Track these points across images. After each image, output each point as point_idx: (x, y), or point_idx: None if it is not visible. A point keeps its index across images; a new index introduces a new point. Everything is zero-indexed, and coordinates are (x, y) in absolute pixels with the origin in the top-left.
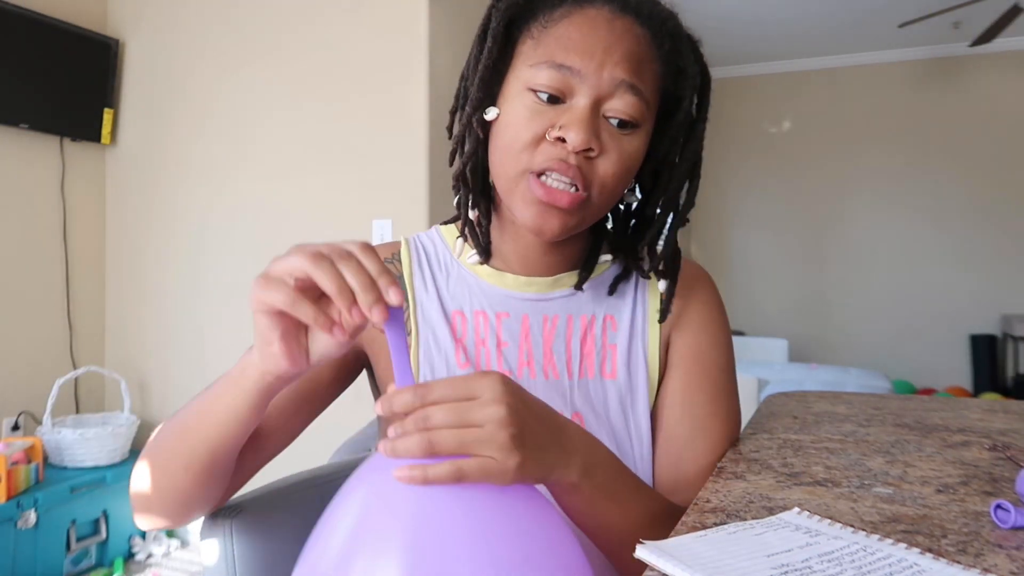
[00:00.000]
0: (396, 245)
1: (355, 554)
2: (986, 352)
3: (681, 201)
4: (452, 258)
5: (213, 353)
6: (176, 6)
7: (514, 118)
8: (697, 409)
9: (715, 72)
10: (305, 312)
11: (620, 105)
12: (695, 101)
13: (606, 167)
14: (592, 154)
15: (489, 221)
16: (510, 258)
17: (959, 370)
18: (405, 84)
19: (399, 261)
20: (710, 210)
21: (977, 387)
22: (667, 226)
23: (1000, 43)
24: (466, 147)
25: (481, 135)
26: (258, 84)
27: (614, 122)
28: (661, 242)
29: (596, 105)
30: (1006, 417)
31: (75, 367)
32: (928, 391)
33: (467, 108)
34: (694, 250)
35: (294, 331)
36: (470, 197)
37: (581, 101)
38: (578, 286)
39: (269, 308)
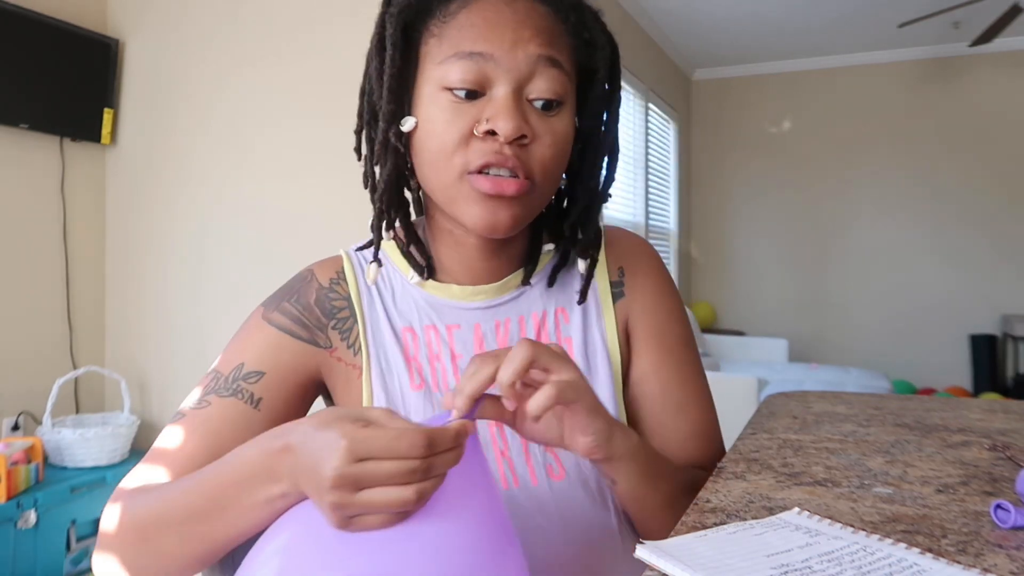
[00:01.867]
0: (339, 261)
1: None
2: (986, 352)
3: (601, 179)
4: (395, 271)
5: (213, 353)
6: (176, 6)
7: (435, 124)
8: (671, 389)
9: (715, 72)
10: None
11: (543, 83)
12: (612, 67)
13: (542, 152)
14: (525, 141)
15: (411, 239)
16: (453, 268)
17: (959, 370)
18: None
19: (344, 281)
20: (710, 210)
21: (977, 387)
22: (589, 205)
23: (1000, 43)
24: (385, 165)
25: (401, 148)
26: (258, 84)
27: (539, 104)
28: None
29: (518, 91)
30: (1006, 417)
31: (75, 367)
32: (928, 391)
33: (380, 123)
34: (694, 250)
35: None
36: (387, 217)
37: (501, 89)
38: (525, 281)
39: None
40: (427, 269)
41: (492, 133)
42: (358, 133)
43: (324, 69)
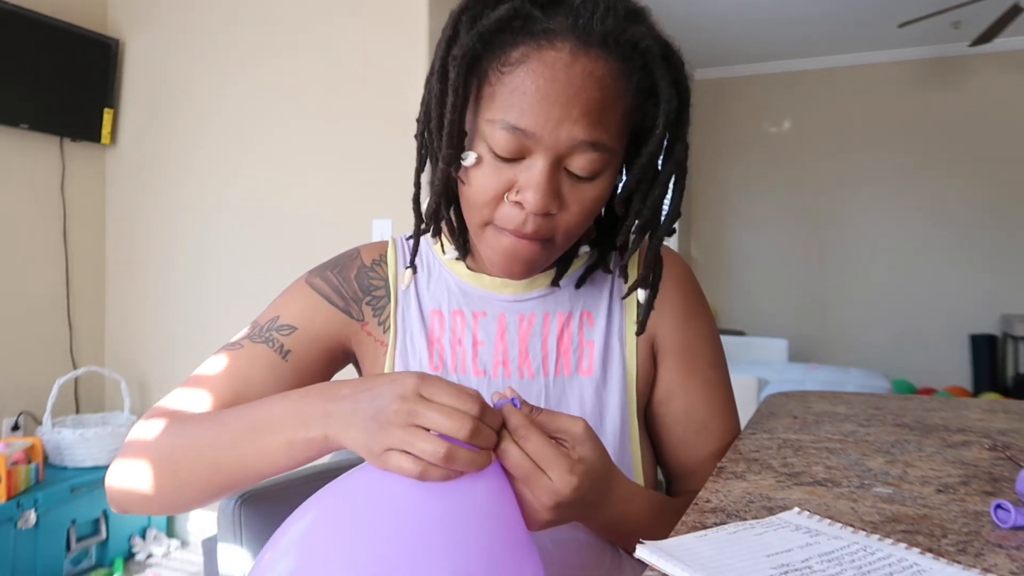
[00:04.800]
0: (384, 246)
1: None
2: (986, 352)
3: (664, 213)
4: (434, 258)
5: (213, 352)
6: (176, 6)
7: (475, 171)
8: (695, 410)
9: (715, 72)
10: (439, 476)
11: (581, 162)
12: (674, 122)
13: (567, 219)
14: (552, 213)
15: (462, 231)
16: (485, 261)
17: (959, 370)
18: (405, 84)
19: (386, 264)
20: (710, 210)
21: (977, 387)
22: (649, 237)
23: (1000, 43)
24: (440, 193)
25: (463, 182)
26: (258, 84)
27: (575, 173)
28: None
29: (555, 164)
30: (1006, 417)
31: (75, 367)
32: (928, 391)
33: (440, 163)
34: (694, 250)
35: None
36: (435, 225)
37: (539, 163)
38: (555, 282)
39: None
40: (463, 252)
41: (521, 203)
42: (420, 150)
43: (324, 68)
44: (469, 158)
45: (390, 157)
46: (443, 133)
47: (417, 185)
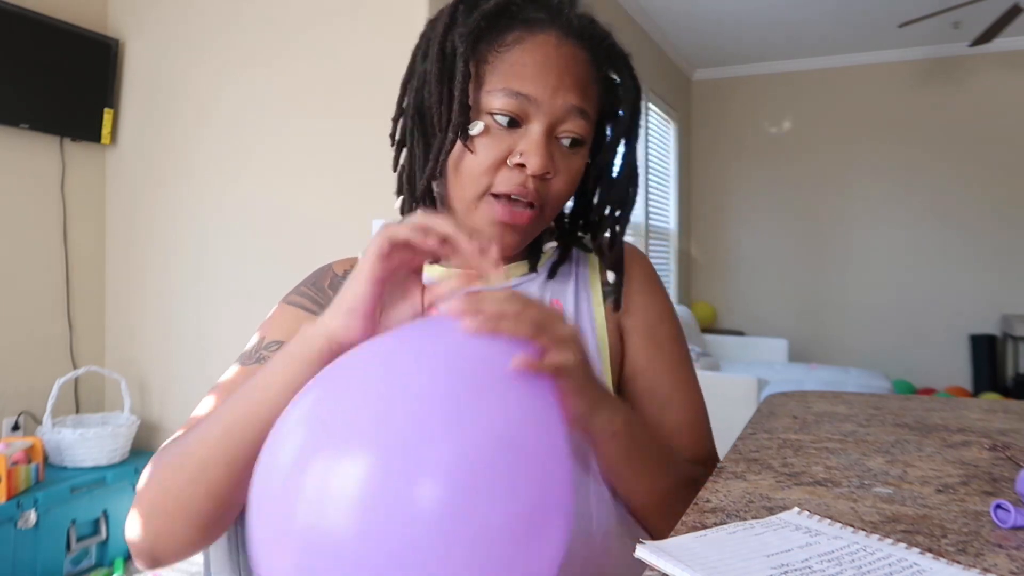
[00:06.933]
0: (355, 259)
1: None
2: (986, 352)
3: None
4: None
5: (214, 352)
6: (176, 6)
7: (478, 140)
8: (659, 386)
9: (715, 72)
10: (442, 230)
11: (571, 127)
12: (635, 111)
13: (558, 186)
14: (548, 176)
15: None
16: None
17: (959, 370)
18: None
19: None
20: (710, 210)
21: (977, 387)
22: (614, 226)
23: (1000, 43)
24: (431, 166)
25: (473, 152)
26: (258, 84)
27: (565, 142)
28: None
29: (550, 130)
30: (1006, 417)
31: (75, 367)
32: (928, 391)
33: (449, 134)
34: (694, 250)
35: (380, 304)
36: (413, 206)
37: (537, 127)
38: (533, 268)
39: (390, 250)
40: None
41: (522, 165)
42: (396, 120)
43: (324, 69)
44: (477, 127)
45: (390, 157)
46: (452, 105)
47: (397, 160)
